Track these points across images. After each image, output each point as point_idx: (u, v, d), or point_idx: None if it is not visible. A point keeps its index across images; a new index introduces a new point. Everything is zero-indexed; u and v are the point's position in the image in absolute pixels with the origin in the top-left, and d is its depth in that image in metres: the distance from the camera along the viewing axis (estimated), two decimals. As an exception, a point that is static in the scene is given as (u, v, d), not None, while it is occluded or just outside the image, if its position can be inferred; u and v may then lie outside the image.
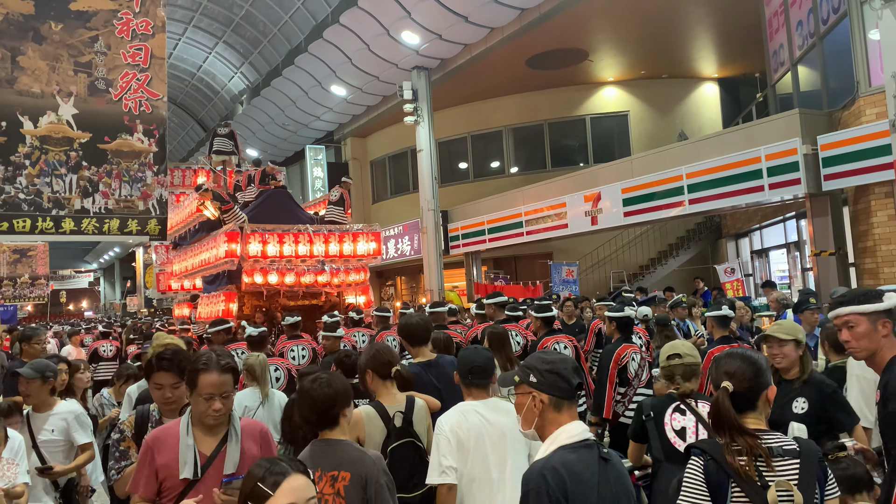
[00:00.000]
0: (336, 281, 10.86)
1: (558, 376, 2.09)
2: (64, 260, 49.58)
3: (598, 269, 18.43)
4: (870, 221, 9.79)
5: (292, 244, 10.19)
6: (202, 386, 2.45)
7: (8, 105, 5.13)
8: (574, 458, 2.00)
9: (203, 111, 30.76)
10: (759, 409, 2.18)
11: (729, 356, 2.25)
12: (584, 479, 1.97)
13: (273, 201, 11.27)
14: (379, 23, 16.15)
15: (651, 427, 3.32)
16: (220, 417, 2.49)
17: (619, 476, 2.08)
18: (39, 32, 5.20)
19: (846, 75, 10.28)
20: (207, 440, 2.51)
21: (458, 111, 20.96)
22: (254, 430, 2.64)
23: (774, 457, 2.02)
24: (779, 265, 15.00)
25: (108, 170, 5.35)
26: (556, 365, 2.12)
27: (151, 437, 2.54)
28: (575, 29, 15.74)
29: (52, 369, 3.92)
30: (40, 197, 5.17)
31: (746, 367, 2.17)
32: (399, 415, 3.25)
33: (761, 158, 10.87)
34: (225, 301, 10.61)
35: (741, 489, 1.98)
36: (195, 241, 12.08)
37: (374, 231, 11.39)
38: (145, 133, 5.56)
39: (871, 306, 2.59)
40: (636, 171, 13.64)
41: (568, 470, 1.96)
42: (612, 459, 2.09)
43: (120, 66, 5.45)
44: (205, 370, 2.47)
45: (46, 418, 3.87)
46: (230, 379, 2.51)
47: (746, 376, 2.16)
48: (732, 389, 2.13)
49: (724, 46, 17.58)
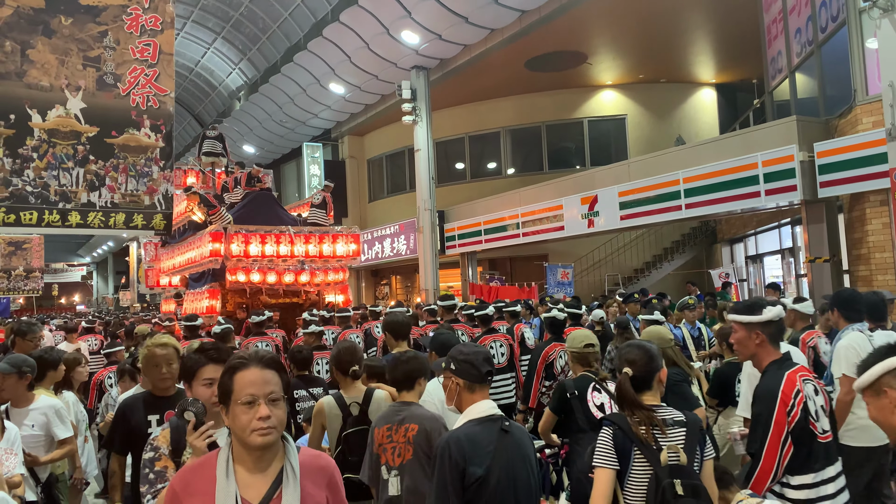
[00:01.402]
0: (316, 280, 11.26)
1: (471, 365, 2.65)
2: (57, 253, 49.33)
3: (594, 271, 18.52)
4: (864, 229, 9.89)
5: (274, 244, 10.58)
6: (240, 388, 1.88)
7: (17, 98, 5.15)
8: (478, 429, 2.54)
9: (200, 106, 30.69)
10: (654, 388, 2.67)
11: (628, 347, 2.74)
12: (483, 446, 2.49)
13: (257, 203, 11.61)
14: (379, 22, 16.18)
15: (576, 403, 3.92)
16: (271, 432, 1.84)
17: (516, 444, 2.57)
18: (49, 26, 5.22)
19: (843, 83, 10.38)
20: (255, 482, 1.87)
21: (456, 111, 21.01)
22: (318, 467, 2.00)
23: (667, 426, 2.52)
24: (773, 271, 15.11)
25: (115, 164, 5.38)
26: (470, 356, 2.67)
27: (180, 481, 1.93)
28: (574, 32, 15.82)
29: (29, 364, 3.90)
30: (47, 190, 5.19)
31: (642, 355, 2.66)
32: (356, 405, 3.65)
33: (758, 164, 10.96)
34: (209, 298, 10.97)
35: (641, 452, 2.47)
36: (183, 240, 12.41)
37: (354, 233, 11.76)
38: (152, 128, 5.59)
39: (748, 318, 2.96)
40: (633, 174, 13.72)
41: (469, 439, 2.49)
42: (512, 431, 2.59)
43: (128, 62, 5.48)
44: (241, 367, 1.91)
45: (26, 413, 3.88)
46: (276, 377, 1.93)
47: (642, 363, 2.65)
48: (632, 374, 2.62)
49: (722, 52, 17.70)
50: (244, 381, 1.88)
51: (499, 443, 2.53)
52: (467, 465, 2.46)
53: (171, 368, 3.24)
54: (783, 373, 2.87)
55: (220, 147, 13.81)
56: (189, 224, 12.36)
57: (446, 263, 19.46)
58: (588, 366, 4.07)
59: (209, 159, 13.57)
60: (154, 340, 3.37)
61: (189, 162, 14.55)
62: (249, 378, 1.88)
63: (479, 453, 2.48)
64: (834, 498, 2.80)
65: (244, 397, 1.86)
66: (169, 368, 3.24)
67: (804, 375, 2.91)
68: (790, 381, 2.83)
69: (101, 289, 59.44)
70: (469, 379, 2.64)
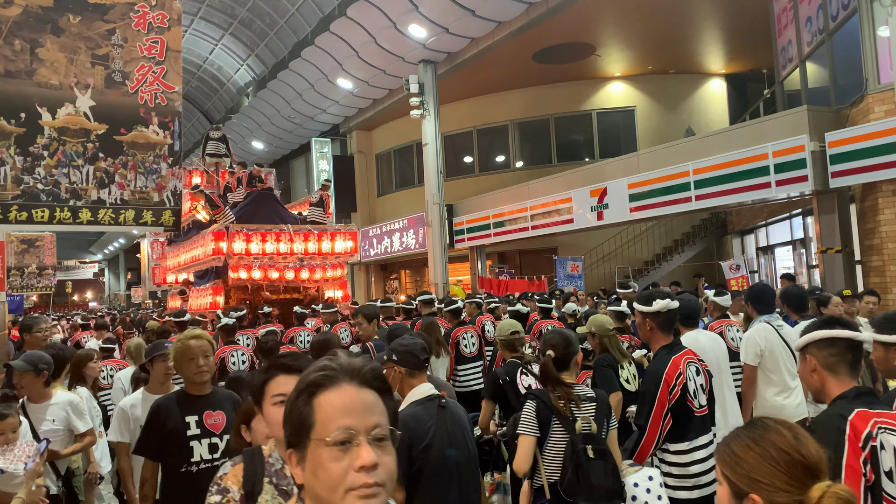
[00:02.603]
0: (315, 277, 11.62)
1: (411, 354, 2.94)
2: (69, 250, 49.67)
3: (603, 264, 18.47)
4: (877, 219, 9.80)
5: (274, 242, 10.98)
6: (327, 418, 1.14)
7: (27, 96, 5.19)
8: (420, 409, 2.83)
9: (209, 103, 30.79)
10: (571, 369, 3.20)
11: (551, 333, 3.27)
12: (424, 422, 2.78)
13: (259, 202, 12.01)
14: (386, 16, 16.15)
15: (508, 388, 4.29)
16: (379, 492, 1.11)
17: (452, 416, 2.88)
18: (58, 25, 5.26)
19: (855, 72, 10.28)
20: None
21: (464, 105, 20.97)
22: None
23: (581, 401, 3.05)
24: (784, 262, 15.02)
25: (124, 161, 5.42)
26: (410, 347, 2.96)
27: None
28: (582, 23, 15.73)
29: (46, 361, 3.92)
30: (58, 187, 5.24)
31: (562, 341, 3.20)
32: None
33: (768, 155, 10.88)
34: (213, 294, 11.35)
35: (560, 422, 3.01)
36: (187, 239, 12.84)
37: (352, 230, 12.21)
38: (160, 125, 5.62)
39: (642, 307, 3.41)
40: (642, 166, 13.66)
41: (413, 418, 2.77)
42: (449, 406, 2.90)
43: (136, 59, 5.50)
44: (328, 385, 1.18)
45: (45, 408, 3.91)
46: (379, 403, 1.19)
47: (562, 347, 3.18)
48: (554, 356, 3.15)
49: (731, 42, 17.55)
50: (334, 407, 1.16)
51: (438, 417, 2.83)
52: (412, 441, 2.74)
53: (207, 361, 3.06)
54: (670, 357, 3.32)
55: (224, 148, 14.22)
56: (193, 223, 12.75)
57: (455, 257, 19.46)
58: (514, 351, 4.50)
59: (213, 160, 13.96)
60: (187, 333, 3.19)
61: (193, 162, 14.83)
62: (342, 402, 1.16)
63: (422, 427, 2.79)
64: (703, 462, 3.28)
65: (336, 434, 1.13)
66: (206, 361, 3.05)
67: (689, 358, 3.37)
68: (674, 364, 3.29)
69: (112, 285, 59.86)
70: (409, 367, 2.92)
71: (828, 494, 1.27)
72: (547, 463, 2.99)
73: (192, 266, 12.55)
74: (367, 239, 23.03)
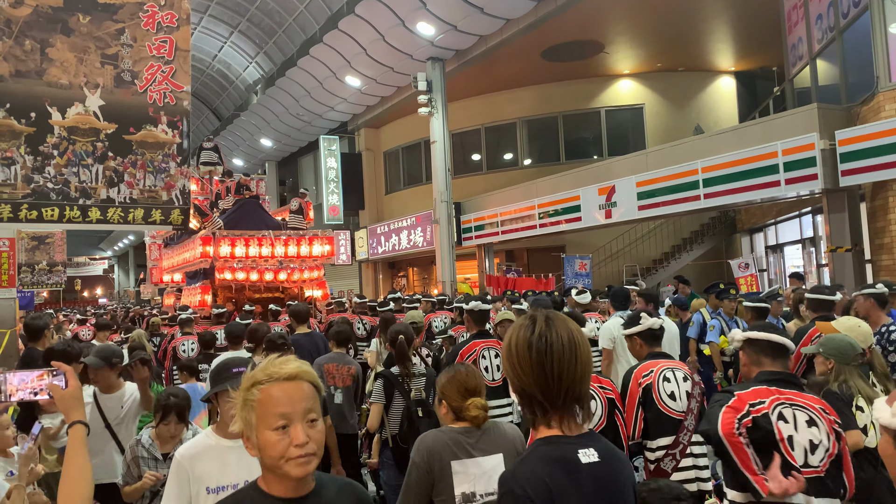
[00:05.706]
0: (294, 278, 12.60)
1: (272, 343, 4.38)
2: (79, 247, 50.02)
3: (612, 262, 18.43)
4: (887, 218, 9.74)
5: (257, 246, 12.06)
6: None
7: (37, 96, 5.22)
8: None
9: (218, 100, 30.88)
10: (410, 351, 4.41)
11: (398, 325, 4.48)
12: None
13: (245, 209, 13.06)
14: (394, 13, 16.15)
15: None
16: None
17: None
18: (68, 25, 5.29)
19: (866, 70, 10.20)
20: None
21: (472, 103, 20.95)
22: None
23: (415, 377, 4.29)
24: (794, 261, 14.94)
25: (133, 160, 5.44)
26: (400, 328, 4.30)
27: None
28: (591, 21, 15.68)
29: (118, 355, 4.08)
30: (68, 186, 5.27)
31: (406, 329, 4.44)
32: None
33: (778, 153, 10.82)
34: (202, 293, 12.42)
35: (399, 392, 4.23)
36: (180, 242, 14.12)
37: (328, 235, 13.24)
38: (169, 124, 5.64)
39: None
40: (651, 164, 13.61)
41: None
42: None
43: (145, 59, 5.52)
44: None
45: (120, 397, 4.05)
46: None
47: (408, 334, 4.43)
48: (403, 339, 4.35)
49: (741, 40, 17.45)
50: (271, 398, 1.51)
51: None
52: None
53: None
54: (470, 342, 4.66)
55: (217, 157, 15.33)
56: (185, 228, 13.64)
57: (463, 255, 19.46)
58: None
59: (206, 168, 14.97)
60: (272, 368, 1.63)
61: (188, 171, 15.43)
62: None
63: None
64: None
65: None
66: (313, 429, 1.77)
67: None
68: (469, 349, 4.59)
69: (122, 282, 60.21)
70: None
71: (472, 403, 2.51)
72: (391, 422, 4.10)
73: (184, 267, 13.68)
74: (374, 236, 23.06)
